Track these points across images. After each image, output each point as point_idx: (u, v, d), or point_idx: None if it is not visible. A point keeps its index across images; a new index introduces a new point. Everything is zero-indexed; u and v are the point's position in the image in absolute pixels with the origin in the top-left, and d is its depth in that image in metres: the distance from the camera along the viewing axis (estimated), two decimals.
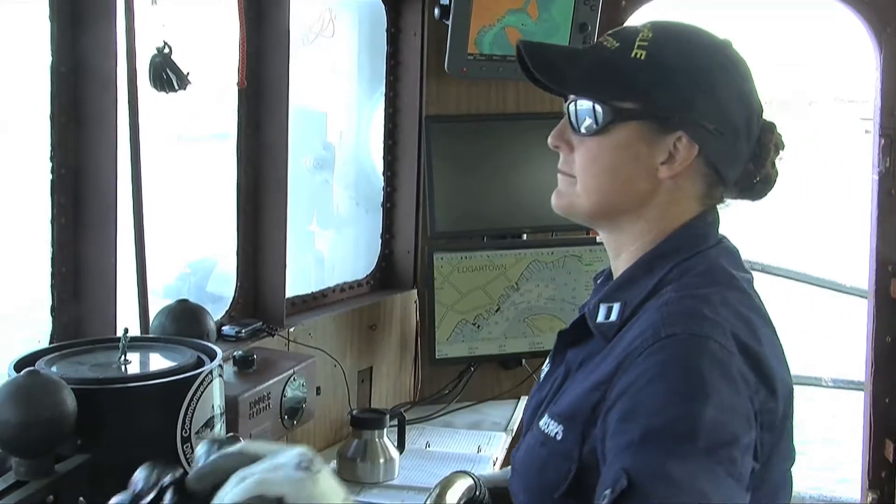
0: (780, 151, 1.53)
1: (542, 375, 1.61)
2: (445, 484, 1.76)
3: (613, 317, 1.45)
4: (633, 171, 1.46)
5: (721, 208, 1.54)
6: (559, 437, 1.41)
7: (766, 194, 1.55)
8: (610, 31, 1.50)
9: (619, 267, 1.53)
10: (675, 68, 1.43)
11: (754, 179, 1.52)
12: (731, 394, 1.28)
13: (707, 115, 1.43)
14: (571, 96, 1.48)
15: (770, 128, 1.51)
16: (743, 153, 1.49)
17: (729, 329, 1.33)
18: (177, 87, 2.24)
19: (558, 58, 1.52)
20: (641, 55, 1.43)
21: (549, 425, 1.44)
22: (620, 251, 1.53)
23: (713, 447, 1.23)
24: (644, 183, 1.46)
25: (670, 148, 1.44)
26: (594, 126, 1.45)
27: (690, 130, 1.43)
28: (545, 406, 1.51)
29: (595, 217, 1.53)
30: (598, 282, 1.62)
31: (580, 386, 1.43)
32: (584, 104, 1.46)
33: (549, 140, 1.52)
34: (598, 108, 1.45)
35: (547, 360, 1.63)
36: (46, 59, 2.08)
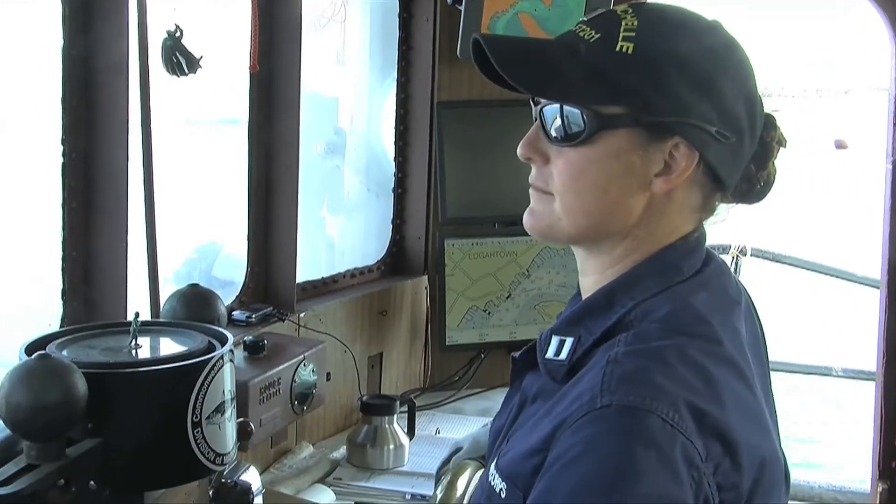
0: (783, 148, 1.33)
1: (505, 397, 1.45)
2: (456, 471, 1.77)
3: (563, 354, 1.25)
4: (623, 186, 1.24)
5: (709, 223, 1.33)
6: (503, 495, 1.23)
7: (764, 197, 1.35)
8: (585, 18, 1.28)
9: (585, 286, 1.34)
10: (668, 63, 1.21)
11: (757, 183, 1.32)
12: (664, 482, 1.07)
13: (708, 116, 1.22)
14: (542, 100, 1.27)
15: (772, 123, 1.32)
16: (746, 156, 1.29)
17: (682, 396, 1.12)
18: (187, 71, 2.24)
19: (528, 55, 1.29)
20: (628, 48, 1.21)
21: (495, 478, 1.26)
22: (593, 272, 1.33)
23: None
24: (636, 199, 1.25)
25: (666, 157, 1.23)
26: (575, 136, 1.23)
27: (689, 135, 1.22)
28: (498, 445, 1.36)
29: (578, 241, 1.32)
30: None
31: (524, 442, 1.24)
32: (566, 111, 1.24)
33: (519, 151, 1.30)
34: (580, 114, 1.23)
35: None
36: (58, 42, 2.08)
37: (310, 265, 3.08)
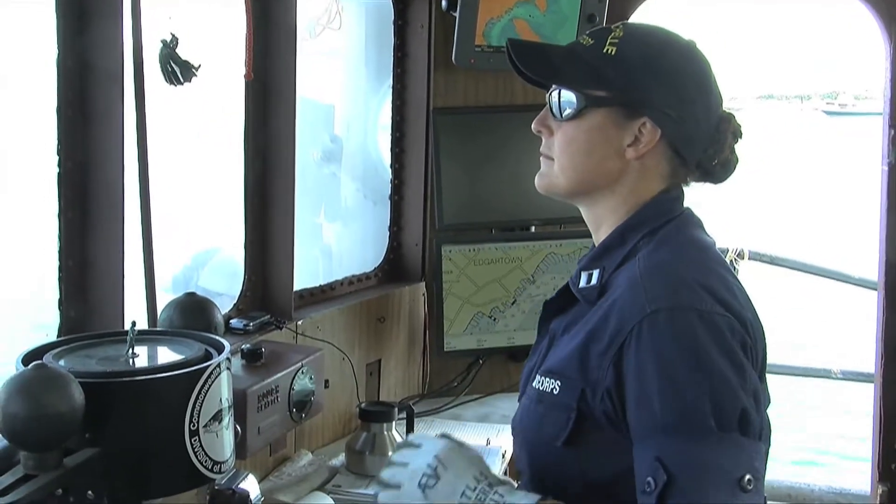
0: (738, 139, 1.68)
1: (533, 345, 1.77)
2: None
3: (594, 281, 1.62)
4: (604, 151, 1.63)
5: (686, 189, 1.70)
6: (556, 392, 1.56)
7: (725, 178, 1.70)
8: (588, 31, 1.70)
9: (599, 237, 1.69)
10: (640, 63, 1.61)
11: (713, 162, 1.66)
12: (725, 353, 1.44)
13: (670, 104, 1.60)
14: (553, 87, 1.66)
15: (728, 117, 1.67)
16: (702, 138, 1.64)
17: (702, 289, 1.49)
18: (182, 80, 2.24)
19: (541, 56, 1.70)
20: (612, 51, 1.61)
21: (543, 383, 1.59)
22: (600, 224, 1.69)
23: (724, 420, 1.40)
24: (614, 162, 1.63)
25: (636, 132, 1.61)
26: (571, 112, 1.62)
27: (654, 116, 1.60)
28: (535, 370, 1.65)
29: (572, 194, 1.68)
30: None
31: (569, 344, 1.58)
32: (564, 94, 1.63)
33: (533, 126, 1.69)
34: (575, 96, 1.62)
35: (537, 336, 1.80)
36: (53, 52, 2.08)
37: (307, 273, 3.08)
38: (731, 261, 4.32)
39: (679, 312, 1.46)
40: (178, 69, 2.22)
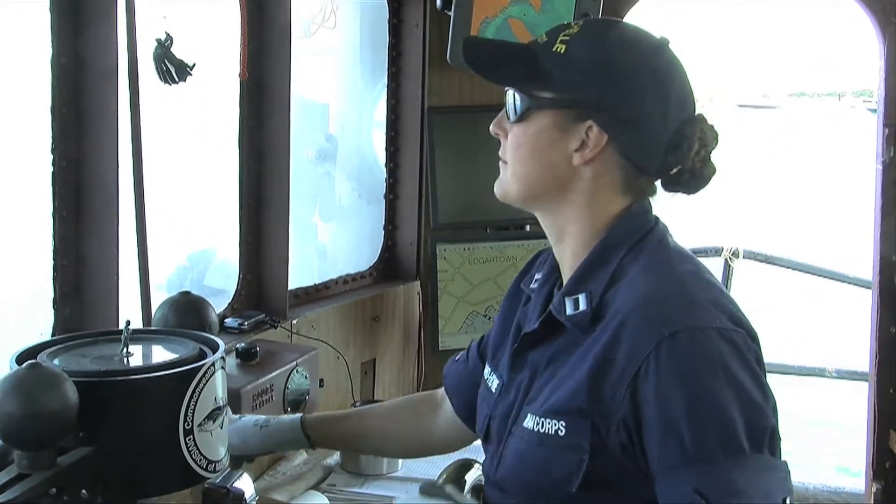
0: (709, 146, 1.55)
1: (493, 384, 1.66)
2: (451, 471, 1.77)
3: (582, 306, 1.50)
4: (550, 156, 1.53)
5: (653, 201, 1.59)
6: (561, 434, 1.45)
7: (697, 189, 1.58)
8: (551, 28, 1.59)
9: (563, 253, 1.59)
10: (588, 63, 1.50)
11: (671, 171, 1.54)
12: (748, 372, 1.38)
13: (617, 107, 1.49)
14: (506, 87, 1.57)
15: (692, 121, 1.53)
16: (659, 145, 1.51)
17: (713, 305, 1.42)
18: (177, 79, 2.24)
19: (494, 52, 1.61)
20: (561, 49, 1.51)
21: (543, 424, 1.47)
22: (562, 237, 1.59)
23: (757, 440, 1.35)
24: (562, 168, 1.53)
25: (582, 136, 1.50)
26: (518, 114, 1.54)
27: (600, 120, 1.49)
28: (518, 409, 1.54)
29: (524, 199, 1.59)
30: (539, 275, 1.68)
31: (571, 379, 1.46)
32: (516, 96, 1.54)
33: (490, 128, 1.61)
34: (519, 97, 1.53)
35: (489, 371, 1.70)
36: (48, 50, 2.07)
37: (302, 272, 3.07)
38: (726, 260, 4.33)
39: (699, 332, 1.38)
40: (172, 68, 2.22)
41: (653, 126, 1.50)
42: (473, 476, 1.75)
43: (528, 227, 3.32)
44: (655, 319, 1.40)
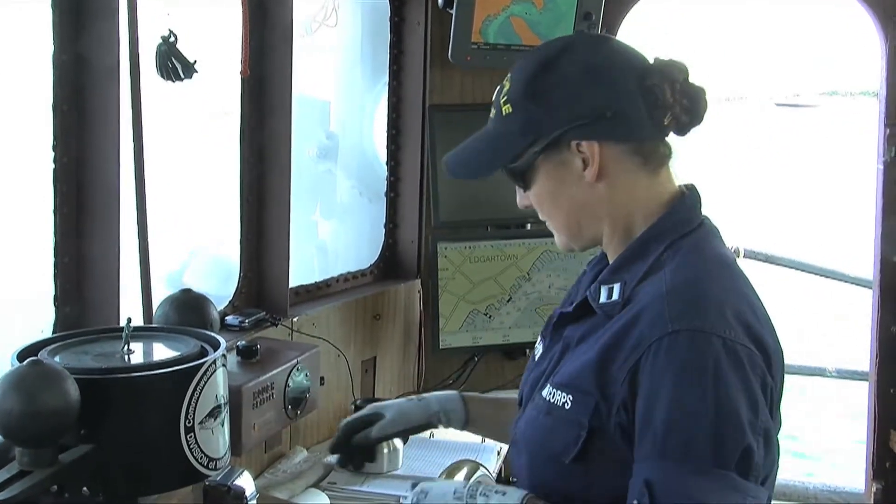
0: (675, 80, 1.55)
1: (538, 353, 1.72)
2: (451, 470, 1.79)
3: (615, 296, 1.54)
4: (568, 191, 1.59)
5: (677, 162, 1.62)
6: (567, 406, 1.51)
7: (702, 117, 1.59)
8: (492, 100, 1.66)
9: (609, 242, 1.63)
10: (532, 101, 1.56)
11: (665, 122, 1.56)
12: (742, 388, 1.38)
13: (585, 115, 1.54)
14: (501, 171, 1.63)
15: (647, 73, 1.55)
16: (637, 113, 1.55)
17: (731, 314, 1.43)
18: (182, 76, 2.23)
19: (465, 156, 1.69)
20: (508, 109, 1.59)
21: (554, 395, 1.54)
22: (611, 239, 1.62)
23: (723, 456, 1.35)
24: (585, 194, 1.58)
25: (577, 155, 1.56)
26: (522, 181, 1.62)
27: (580, 134, 1.54)
28: (545, 379, 1.60)
29: (582, 243, 1.65)
30: (592, 264, 1.74)
31: (584, 357, 1.52)
32: (509, 171, 1.62)
33: (519, 206, 1.68)
34: (511, 171, 1.61)
35: (539, 340, 1.75)
36: (49, 48, 2.07)
37: (303, 270, 3.07)
38: None
39: (702, 336, 1.40)
40: (179, 65, 2.21)
41: (623, 105, 1.54)
42: (474, 476, 1.76)
43: (528, 226, 3.32)
44: (666, 314, 1.43)
